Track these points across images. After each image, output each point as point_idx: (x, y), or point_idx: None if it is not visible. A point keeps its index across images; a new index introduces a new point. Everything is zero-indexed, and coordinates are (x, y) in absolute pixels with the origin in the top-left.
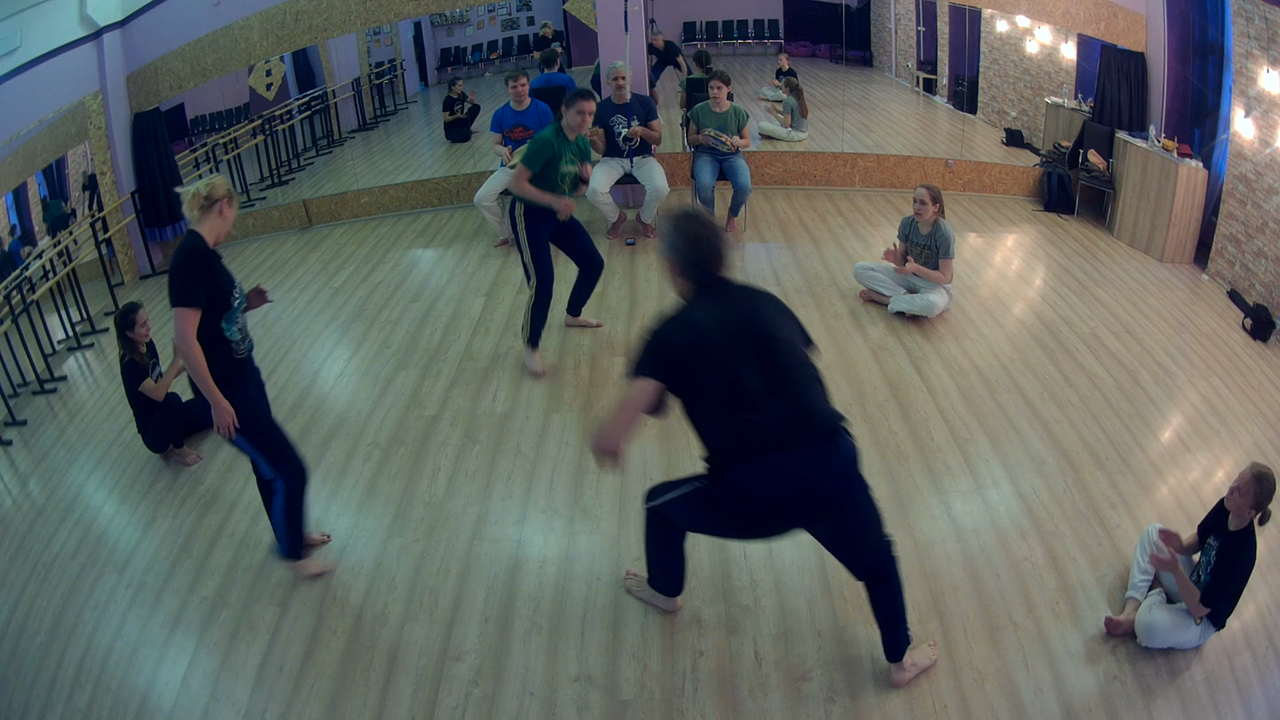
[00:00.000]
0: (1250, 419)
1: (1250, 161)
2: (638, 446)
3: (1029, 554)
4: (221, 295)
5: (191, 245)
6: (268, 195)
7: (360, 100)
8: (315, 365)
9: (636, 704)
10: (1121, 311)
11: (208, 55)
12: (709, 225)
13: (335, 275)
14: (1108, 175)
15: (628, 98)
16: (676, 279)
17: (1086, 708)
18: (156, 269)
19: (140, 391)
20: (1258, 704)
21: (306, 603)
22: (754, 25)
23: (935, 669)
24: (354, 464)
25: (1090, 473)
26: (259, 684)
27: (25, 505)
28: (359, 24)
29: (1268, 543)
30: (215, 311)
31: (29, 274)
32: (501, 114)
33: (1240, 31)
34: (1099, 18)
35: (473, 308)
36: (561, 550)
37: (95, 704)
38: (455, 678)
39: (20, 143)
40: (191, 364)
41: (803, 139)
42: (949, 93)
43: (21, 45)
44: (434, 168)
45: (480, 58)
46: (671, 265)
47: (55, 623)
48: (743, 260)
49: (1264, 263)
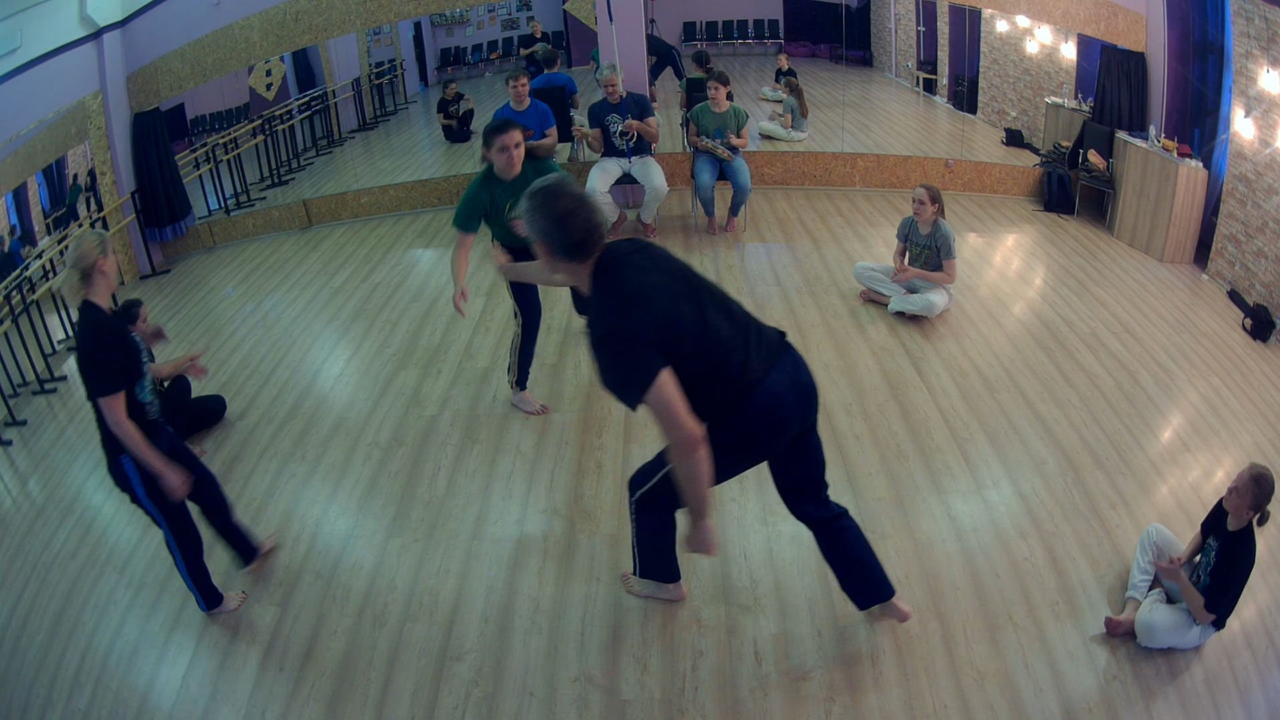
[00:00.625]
0: (1250, 419)
1: (1250, 161)
2: (637, 446)
3: (1029, 554)
4: (134, 364)
5: (95, 322)
6: (268, 195)
7: (360, 100)
8: (315, 365)
9: (636, 704)
10: (1121, 311)
11: (208, 55)
12: (575, 198)
13: (335, 275)
14: (1108, 175)
15: (622, 94)
16: (556, 264)
17: (1086, 708)
18: (156, 269)
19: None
20: (1258, 704)
21: (306, 603)
22: (754, 25)
23: (935, 669)
24: (354, 464)
25: (1090, 473)
26: (259, 684)
27: (25, 505)
28: (359, 24)
29: (1267, 543)
30: (130, 381)
31: (29, 274)
32: (501, 114)
33: (1240, 31)
34: (1099, 18)
35: (473, 308)
36: (561, 550)
37: (95, 704)
38: (455, 678)
39: (20, 143)
40: (132, 444)
41: (803, 139)
42: (949, 93)
43: (21, 45)
44: (434, 168)
45: (480, 58)
46: (548, 251)
47: (55, 623)
48: (743, 260)
49: (1264, 263)
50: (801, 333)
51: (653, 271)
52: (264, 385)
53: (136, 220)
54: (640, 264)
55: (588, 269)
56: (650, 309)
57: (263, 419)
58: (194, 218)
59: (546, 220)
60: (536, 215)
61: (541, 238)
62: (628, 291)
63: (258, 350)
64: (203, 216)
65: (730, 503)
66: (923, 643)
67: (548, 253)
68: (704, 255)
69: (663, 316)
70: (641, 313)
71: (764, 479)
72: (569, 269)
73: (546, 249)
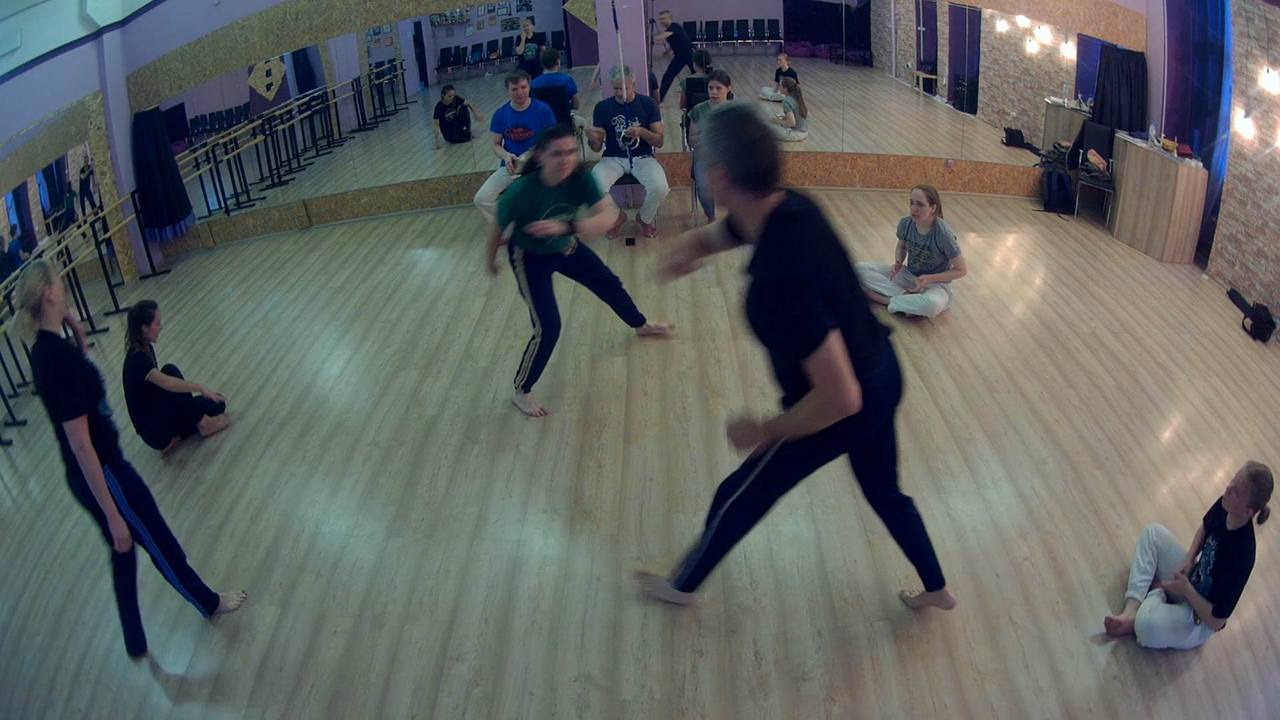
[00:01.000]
0: (1250, 419)
1: (1250, 161)
2: (637, 446)
3: (1029, 554)
4: (95, 385)
5: (53, 350)
6: (268, 195)
7: (360, 100)
8: (315, 365)
9: (636, 704)
10: (1121, 311)
11: (208, 55)
12: (764, 126)
13: (335, 275)
14: (1108, 175)
15: (632, 97)
16: (732, 192)
17: (1086, 708)
18: (156, 269)
19: (146, 382)
20: (1258, 704)
21: (306, 603)
22: (754, 25)
23: (935, 669)
24: (354, 464)
25: (1090, 473)
26: (259, 684)
27: (25, 505)
28: (359, 24)
29: (1267, 542)
30: (93, 400)
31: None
32: (501, 114)
33: (1240, 31)
34: (1099, 18)
35: (473, 308)
36: (561, 550)
37: (95, 704)
38: (455, 678)
39: (20, 143)
40: (93, 475)
41: (803, 139)
42: (949, 93)
43: (21, 45)
44: (434, 168)
45: (480, 58)
46: (728, 176)
47: (55, 623)
48: (743, 260)
49: (1264, 263)
50: None
51: (822, 240)
52: (264, 385)
53: (136, 220)
54: (817, 227)
55: (763, 207)
56: (823, 274)
57: (263, 419)
58: (194, 218)
59: (735, 142)
60: (723, 136)
61: (726, 160)
62: (806, 252)
63: (258, 350)
64: (203, 216)
65: None
66: (923, 643)
67: (728, 178)
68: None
69: (826, 287)
70: (815, 274)
71: None
72: (744, 200)
73: (727, 174)
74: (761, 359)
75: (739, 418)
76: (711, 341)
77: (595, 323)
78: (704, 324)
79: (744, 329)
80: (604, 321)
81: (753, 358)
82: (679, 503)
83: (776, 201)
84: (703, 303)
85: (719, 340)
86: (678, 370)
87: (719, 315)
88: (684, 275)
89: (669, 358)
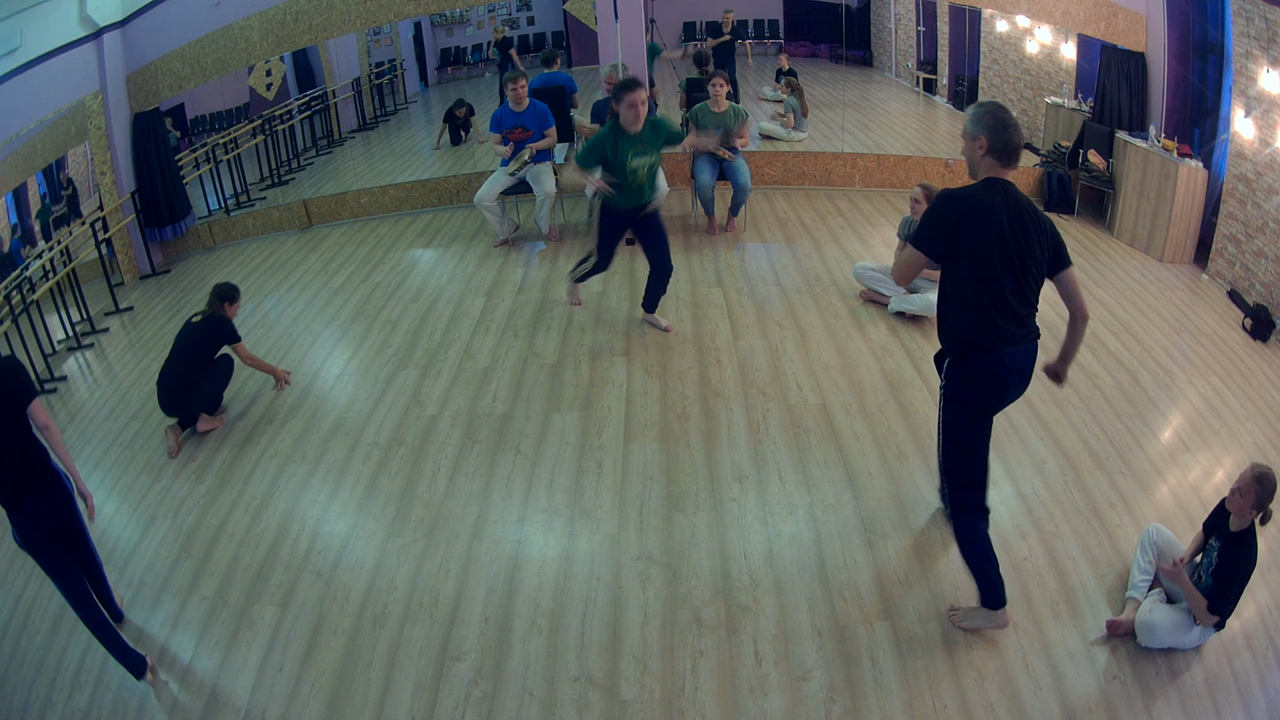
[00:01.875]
0: (1250, 419)
1: (1250, 161)
2: (637, 446)
3: (1029, 554)
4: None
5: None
6: (268, 195)
7: (360, 100)
8: (315, 365)
9: (636, 704)
10: (1121, 311)
11: (208, 55)
12: (1015, 119)
13: (335, 275)
14: (1108, 175)
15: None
16: (981, 157)
17: (1086, 708)
18: (156, 269)
19: (230, 350)
20: (1258, 704)
21: (306, 603)
22: (754, 25)
23: (935, 669)
24: (354, 464)
25: (1090, 473)
26: (259, 684)
27: None
28: (359, 24)
29: (1267, 542)
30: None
31: (29, 274)
32: (501, 114)
33: (1240, 31)
34: (1099, 18)
35: (473, 308)
36: (561, 550)
37: (95, 704)
38: (455, 678)
39: (20, 143)
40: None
41: (803, 139)
42: (949, 93)
43: (21, 45)
44: (434, 168)
45: (480, 58)
46: (983, 143)
47: (55, 623)
48: (743, 260)
49: (1264, 263)
50: (801, 333)
51: (988, 216)
52: (264, 385)
53: (136, 220)
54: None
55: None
56: (975, 207)
57: (263, 419)
58: (194, 218)
59: (998, 122)
60: (989, 117)
61: (988, 134)
62: (961, 203)
63: (258, 350)
64: (203, 216)
65: (730, 503)
66: (923, 643)
67: (986, 147)
68: (704, 255)
69: (970, 236)
70: (966, 205)
71: (764, 479)
72: (989, 166)
73: (986, 144)
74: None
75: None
76: (711, 341)
77: (595, 323)
78: (704, 324)
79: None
80: (604, 322)
81: (752, 357)
82: (679, 503)
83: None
84: (703, 303)
85: (719, 340)
86: (678, 370)
87: (719, 315)
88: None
89: (669, 358)
